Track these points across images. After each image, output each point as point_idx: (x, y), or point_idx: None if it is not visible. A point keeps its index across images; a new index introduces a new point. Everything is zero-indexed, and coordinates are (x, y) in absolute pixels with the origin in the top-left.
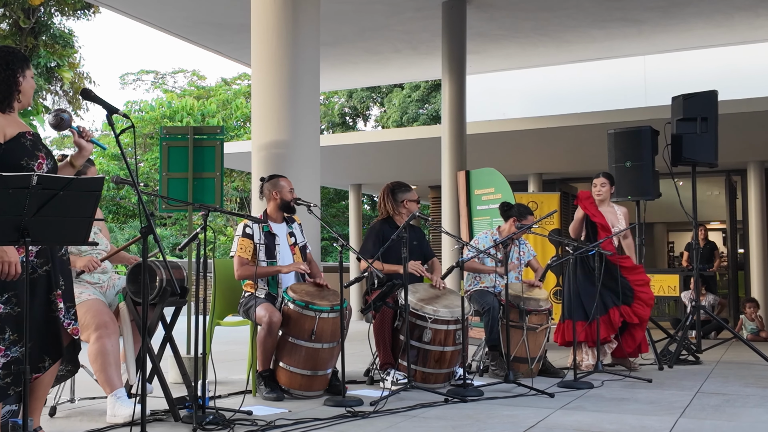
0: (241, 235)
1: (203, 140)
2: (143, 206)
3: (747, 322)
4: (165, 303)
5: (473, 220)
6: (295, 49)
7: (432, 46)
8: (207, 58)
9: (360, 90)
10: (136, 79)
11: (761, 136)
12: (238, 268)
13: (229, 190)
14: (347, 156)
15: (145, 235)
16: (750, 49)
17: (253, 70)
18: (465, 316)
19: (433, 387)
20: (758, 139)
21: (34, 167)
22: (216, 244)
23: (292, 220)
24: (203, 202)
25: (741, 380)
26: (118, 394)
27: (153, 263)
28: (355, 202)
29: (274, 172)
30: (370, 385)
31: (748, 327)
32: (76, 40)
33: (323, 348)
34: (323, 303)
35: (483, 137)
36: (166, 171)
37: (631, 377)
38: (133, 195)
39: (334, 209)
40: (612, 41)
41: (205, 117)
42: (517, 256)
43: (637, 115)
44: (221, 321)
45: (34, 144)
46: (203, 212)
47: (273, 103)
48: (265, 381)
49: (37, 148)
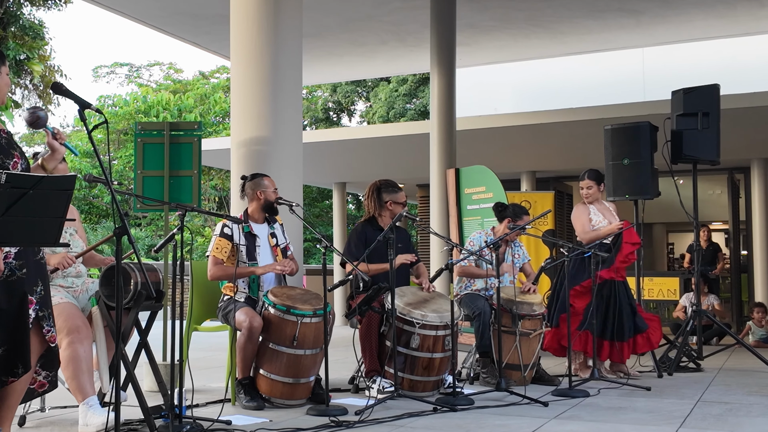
0: (219, 235)
1: (180, 137)
2: (117, 206)
3: (755, 329)
4: (140, 307)
5: (463, 221)
6: (276, 40)
7: (420, 37)
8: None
9: (344, 84)
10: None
11: (765, 132)
12: (211, 268)
13: (207, 188)
14: (331, 153)
15: (119, 236)
16: (754, 41)
17: (233, 63)
18: (455, 321)
19: (421, 395)
20: (762, 136)
21: (9, 166)
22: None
23: (273, 221)
24: (180, 201)
25: (744, 388)
26: (90, 402)
27: (127, 265)
28: (339, 201)
29: (254, 170)
30: (355, 394)
31: (757, 333)
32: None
33: (305, 354)
34: (305, 307)
35: (473, 133)
36: (140, 169)
37: (629, 385)
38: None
39: (317, 209)
40: (609, 32)
41: (182, 112)
42: (511, 259)
43: (635, 110)
44: (199, 326)
45: (9, 142)
46: (180, 212)
47: (253, 98)
48: (245, 389)
49: (12, 146)
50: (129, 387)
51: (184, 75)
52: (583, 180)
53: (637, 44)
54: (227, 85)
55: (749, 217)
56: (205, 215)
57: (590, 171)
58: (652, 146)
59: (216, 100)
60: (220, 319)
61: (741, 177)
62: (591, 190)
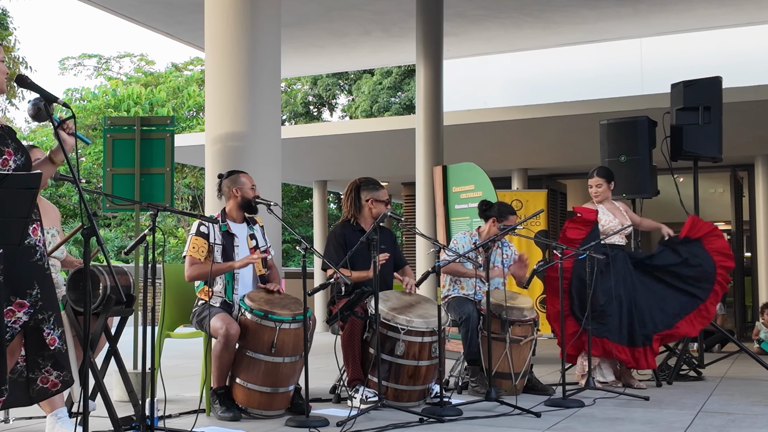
0: (195, 234)
1: (152, 132)
2: (85, 205)
3: (765, 330)
4: (109, 312)
5: (451, 221)
6: (253, 30)
7: (405, 27)
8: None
9: (325, 76)
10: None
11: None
12: (188, 268)
13: (180, 187)
14: (311, 150)
15: (88, 238)
16: (757, 31)
17: (207, 54)
18: (442, 326)
19: (406, 405)
20: (767, 131)
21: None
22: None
23: (253, 222)
24: (151, 200)
25: (748, 398)
26: (59, 414)
27: (96, 268)
28: (320, 200)
29: (230, 167)
30: (337, 404)
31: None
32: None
33: (284, 362)
34: (284, 312)
35: (462, 129)
36: (110, 166)
37: (626, 395)
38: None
39: (296, 209)
40: (605, 22)
41: (154, 106)
42: (500, 260)
43: (632, 104)
44: (172, 332)
45: (1, 138)
46: (152, 212)
47: (229, 91)
48: (220, 399)
49: (4, 142)
50: (98, 397)
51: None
52: (592, 177)
53: (635, 34)
54: (201, 78)
55: (753, 217)
56: (178, 215)
57: (600, 168)
58: (650, 142)
59: (190, 93)
60: (194, 325)
61: (744, 175)
62: (600, 188)
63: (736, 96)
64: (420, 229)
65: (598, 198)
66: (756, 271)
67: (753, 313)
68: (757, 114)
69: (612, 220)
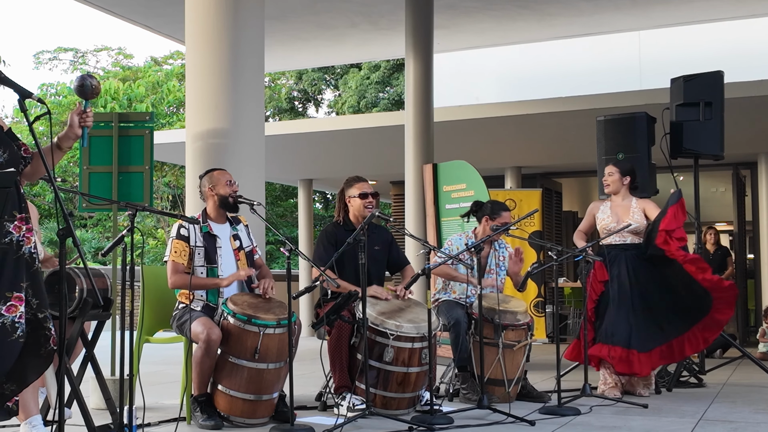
0: (176, 237)
1: (130, 129)
2: (61, 205)
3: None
4: (86, 316)
5: (441, 221)
6: (236, 23)
7: (394, 19)
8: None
9: (311, 71)
10: (53, 58)
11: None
12: (172, 276)
13: (159, 186)
14: (296, 147)
15: (63, 239)
16: (761, 24)
17: (188, 48)
18: (432, 331)
19: (395, 413)
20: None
21: None
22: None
23: (237, 221)
24: (130, 200)
25: (750, 405)
26: (33, 422)
27: (72, 271)
28: (305, 200)
29: (211, 164)
30: (323, 412)
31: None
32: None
33: (268, 369)
34: (268, 317)
35: (453, 125)
36: (86, 164)
37: (624, 402)
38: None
39: (281, 208)
40: (602, 14)
41: (132, 102)
42: (496, 262)
43: (630, 100)
44: (151, 337)
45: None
46: (130, 212)
47: (210, 86)
48: (202, 407)
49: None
50: (74, 404)
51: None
52: (608, 165)
53: (633, 27)
54: (182, 73)
55: (756, 217)
56: (157, 215)
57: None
58: (649, 139)
59: (169, 88)
60: (174, 330)
61: (747, 173)
62: (613, 177)
63: (738, 91)
64: (409, 229)
65: (609, 189)
66: (759, 273)
67: (756, 317)
68: (761, 110)
69: (606, 218)
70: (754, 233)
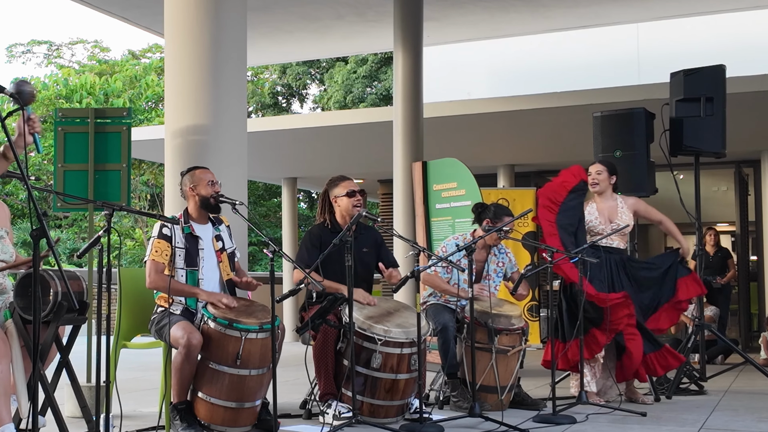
0: (158, 237)
1: (106, 125)
2: (35, 204)
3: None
4: (60, 320)
5: (431, 221)
6: (217, 14)
7: (382, 11)
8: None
9: (295, 65)
10: (26, 51)
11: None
12: (152, 275)
13: (137, 184)
14: (280, 144)
15: (37, 239)
16: (763, 16)
17: (167, 41)
18: (422, 336)
19: (383, 422)
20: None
21: None
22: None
23: (219, 222)
24: (106, 199)
25: (753, 413)
26: (5, 430)
27: (46, 273)
28: (289, 199)
29: (192, 162)
30: (308, 420)
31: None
32: None
33: (250, 375)
34: (250, 321)
35: (443, 121)
36: (61, 162)
37: (622, 410)
38: (22, 191)
39: (264, 208)
40: (599, 6)
41: (109, 97)
42: (494, 268)
43: (628, 95)
44: (128, 342)
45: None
46: (106, 212)
47: (191, 81)
48: (181, 415)
49: None
50: (48, 412)
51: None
52: (594, 164)
53: (632, 19)
54: (161, 66)
55: (759, 217)
56: (135, 215)
57: (603, 158)
58: (648, 136)
59: (148, 83)
60: (152, 335)
61: (750, 171)
62: (601, 176)
63: (740, 86)
64: (398, 230)
65: (596, 188)
66: (762, 276)
67: (759, 322)
68: (764, 105)
69: (594, 219)
70: (757, 234)
